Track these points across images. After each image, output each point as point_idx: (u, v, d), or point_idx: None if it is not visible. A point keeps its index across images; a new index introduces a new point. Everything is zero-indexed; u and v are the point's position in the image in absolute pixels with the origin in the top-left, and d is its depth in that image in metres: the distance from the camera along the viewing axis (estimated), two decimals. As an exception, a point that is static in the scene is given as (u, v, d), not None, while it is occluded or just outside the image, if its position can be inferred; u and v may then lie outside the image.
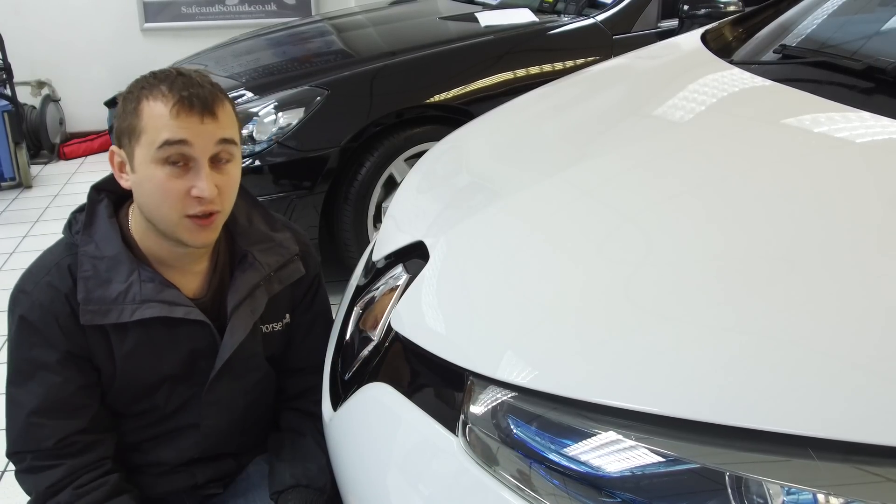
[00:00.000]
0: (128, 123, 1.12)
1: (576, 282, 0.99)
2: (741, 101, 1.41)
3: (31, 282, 1.17)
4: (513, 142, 1.55)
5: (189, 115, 1.09)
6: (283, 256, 1.29)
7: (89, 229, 1.18)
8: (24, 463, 1.18)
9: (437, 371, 1.00)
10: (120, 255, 1.16)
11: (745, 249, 0.94)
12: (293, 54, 3.38)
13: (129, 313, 1.14)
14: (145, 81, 1.13)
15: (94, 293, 1.14)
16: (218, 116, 1.11)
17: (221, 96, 1.14)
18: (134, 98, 1.12)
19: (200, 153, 1.10)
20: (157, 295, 1.16)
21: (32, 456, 1.17)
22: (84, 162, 5.19)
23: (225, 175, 1.14)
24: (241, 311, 1.22)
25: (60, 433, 1.16)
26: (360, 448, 1.09)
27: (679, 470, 0.76)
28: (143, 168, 1.11)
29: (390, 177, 2.94)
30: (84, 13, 5.35)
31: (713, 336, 0.83)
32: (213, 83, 1.15)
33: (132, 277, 1.15)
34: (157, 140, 1.09)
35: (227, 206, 1.17)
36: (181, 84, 1.10)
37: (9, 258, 3.63)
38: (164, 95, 1.09)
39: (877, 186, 1.02)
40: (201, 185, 1.10)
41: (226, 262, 1.27)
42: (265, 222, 1.31)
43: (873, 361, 0.75)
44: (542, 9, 3.45)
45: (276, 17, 5.43)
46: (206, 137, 1.10)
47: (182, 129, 1.08)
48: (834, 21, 1.66)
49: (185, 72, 1.14)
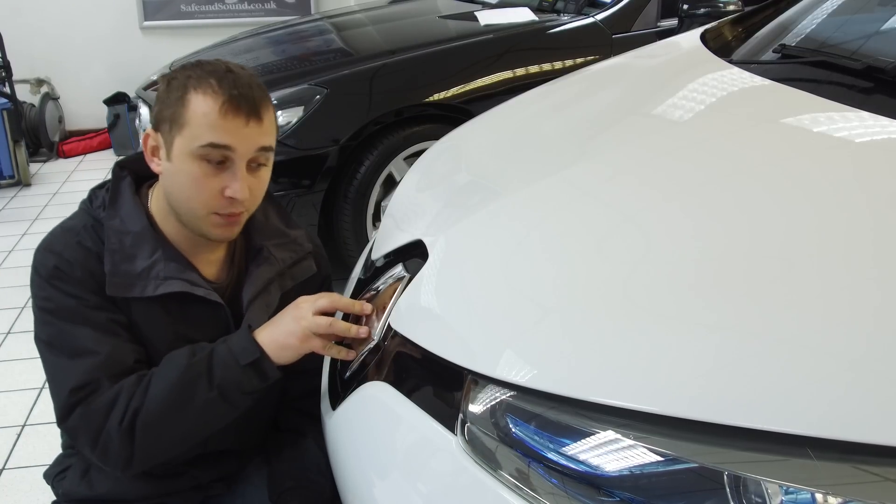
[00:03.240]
0: (172, 111, 1.11)
1: (575, 280, 0.99)
2: (740, 100, 1.41)
3: (60, 243, 1.16)
4: (512, 140, 1.55)
5: (236, 116, 1.09)
6: (297, 253, 1.30)
7: (114, 205, 1.19)
8: (92, 395, 1.11)
9: (436, 370, 1.00)
10: (145, 232, 1.17)
11: (743, 249, 0.94)
12: (292, 53, 3.38)
13: (153, 288, 1.15)
14: (193, 71, 1.12)
15: (120, 266, 1.15)
16: (263, 120, 1.12)
17: (268, 100, 1.14)
18: (180, 86, 1.11)
19: (239, 157, 1.11)
20: (180, 273, 1.17)
21: (99, 381, 1.11)
22: (83, 160, 5.19)
23: (257, 178, 1.16)
24: (256, 305, 1.23)
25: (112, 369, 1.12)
26: (359, 447, 1.09)
27: (677, 469, 0.76)
28: (180, 160, 1.11)
29: (389, 175, 2.95)
30: (83, 11, 5.34)
31: (712, 335, 0.83)
32: (260, 83, 1.14)
33: (156, 255, 1.16)
34: (202, 139, 1.09)
35: (253, 207, 1.19)
36: (231, 82, 1.10)
37: (7, 256, 3.63)
38: (213, 92, 1.09)
39: (875, 186, 1.02)
40: (235, 187, 1.11)
41: (242, 256, 1.28)
42: (280, 219, 1.32)
43: (872, 361, 0.75)
44: (542, 8, 3.45)
45: (276, 15, 5.43)
46: (248, 142, 1.11)
47: (227, 132, 1.09)
48: (833, 21, 1.66)
49: (234, 68, 1.13)
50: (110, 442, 1.10)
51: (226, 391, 1.12)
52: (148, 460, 1.14)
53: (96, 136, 5.36)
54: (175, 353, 1.15)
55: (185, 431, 1.14)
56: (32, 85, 5.25)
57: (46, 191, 4.54)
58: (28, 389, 2.56)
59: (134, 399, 1.10)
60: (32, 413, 2.45)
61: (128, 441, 1.10)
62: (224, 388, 1.12)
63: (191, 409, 1.12)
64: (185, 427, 1.14)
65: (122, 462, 1.12)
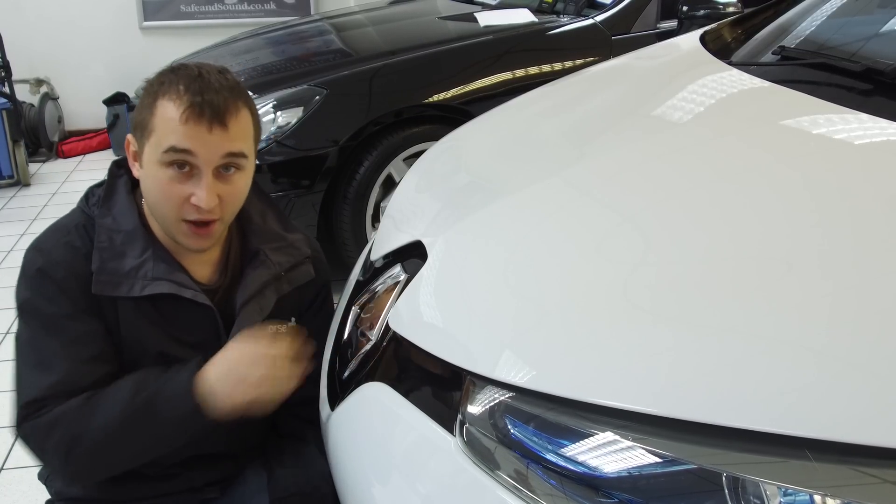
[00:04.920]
0: (142, 117, 1.12)
1: (574, 282, 0.99)
2: (739, 102, 1.41)
3: (49, 242, 1.17)
4: (511, 141, 1.55)
5: (198, 123, 1.08)
6: (295, 257, 1.30)
7: (108, 202, 1.19)
8: (40, 412, 1.12)
9: (435, 371, 1.00)
10: (136, 231, 1.17)
11: (742, 250, 0.94)
12: (292, 53, 3.38)
13: (140, 288, 1.15)
14: (166, 76, 1.12)
15: (108, 264, 1.15)
16: (228, 127, 1.10)
17: (238, 104, 1.12)
18: (152, 92, 1.12)
19: (204, 163, 1.10)
20: (169, 275, 1.17)
21: (48, 400, 1.12)
22: (82, 160, 5.18)
23: (229, 185, 1.14)
24: (249, 308, 1.22)
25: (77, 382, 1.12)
26: (358, 447, 1.09)
27: (676, 470, 0.76)
28: (149, 166, 1.12)
29: (389, 176, 2.94)
30: (83, 11, 5.34)
31: (711, 336, 0.83)
32: (234, 88, 1.12)
33: (146, 255, 1.16)
34: (164, 144, 1.09)
35: (227, 216, 1.17)
36: (197, 88, 1.09)
37: (7, 256, 3.63)
38: (178, 97, 1.08)
39: (874, 188, 1.02)
40: (200, 195, 1.10)
41: (237, 259, 1.27)
42: (279, 222, 1.32)
43: (870, 362, 0.75)
44: (542, 9, 3.45)
45: (276, 16, 5.43)
46: (211, 149, 1.09)
47: (188, 139, 1.08)
48: (833, 22, 1.66)
49: (206, 72, 1.11)
50: (53, 460, 1.14)
51: (167, 430, 1.12)
52: (91, 478, 1.18)
53: (96, 136, 5.36)
54: (121, 383, 1.13)
55: (125, 459, 1.16)
56: (32, 85, 5.25)
57: (45, 191, 4.54)
58: (27, 389, 2.56)
59: (74, 425, 1.11)
60: (31, 413, 2.45)
61: (67, 462, 1.12)
62: (165, 427, 1.12)
63: (131, 442, 1.13)
64: (125, 455, 1.15)
65: (67, 477, 1.17)
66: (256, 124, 1.18)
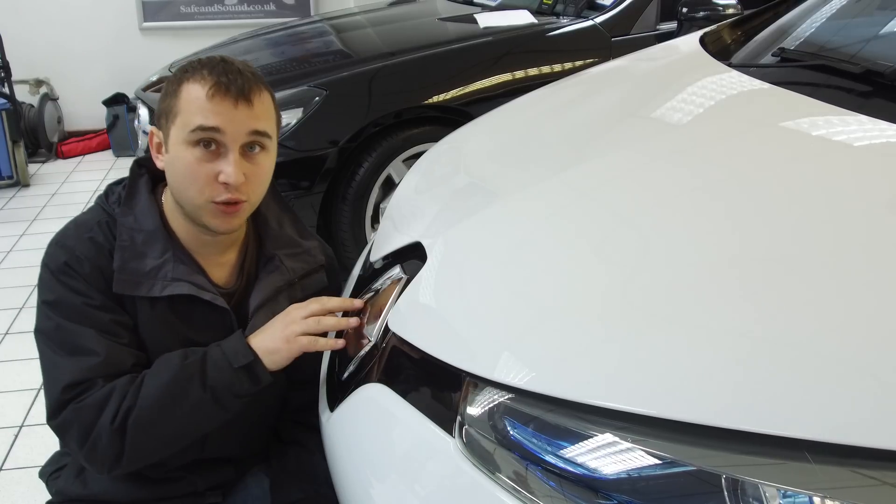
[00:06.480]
0: (167, 104, 1.14)
1: (573, 283, 0.99)
2: (739, 103, 1.41)
3: (73, 238, 1.17)
4: (511, 143, 1.55)
5: (224, 98, 1.10)
6: (310, 264, 1.30)
7: (130, 202, 1.20)
8: (86, 393, 1.11)
9: (434, 372, 1.00)
10: (157, 232, 1.18)
11: (742, 252, 0.94)
12: (292, 54, 3.38)
13: (160, 288, 1.16)
14: (190, 65, 1.15)
15: (129, 264, 1.15)
16: (253, 104, 1.12)
17: (261, 85, 1.15)
18: (176, 80, 1.14)
19: (231, 140, 1.11)
20: (188, 276, 1.17)
21: (94, 381, 1.11)
22: (82, 161, 5.19)
23: (255, 165, 1.16)
24: (262, 313, 1.22)
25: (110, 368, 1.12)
26: (357, 448, 1.09)
27: (676, 472, 0.76)
28: (176, 148, 1.13)
29: (388, 177, 2.95)
30: (83, 12, 5.35)
31: (710, 338, 0.83)
32: (256, 73, 1.16)
33: (166, 255, 1.17)
34: (191, 123, 1.10)
35: (254, 197, 1.18)
36: (221, 69, 1.12)
37: (6, 256, 3.63)
38: (203, 78, 1.11)
39: (875, 189, 1.02)
40: (228, 171, 1.11)
41: (253, 263, 1.28)
42: (295, 228, 1.33)
43: (870, 364, 0.75)
44: (541, 10, 3.45)
45: (275, 17, 5.44)
46: (238, 125, 1.11)
47: (215, 115, 1.10)
48: (832, 24, 1.66)
49: (229, 59, 1.15)
50: (100, 439, 1.10)
51: (218, 393, 1.13)
52: (136, 461, 1.14)
53: (95, 136, 5.36)
54: (169, 355, 1.15)
55: (176, 432, 1.14)
56: (31, 85, 5.26)
57: (45, 191, 4.53)
58: (26, 390, 2.56)
59: (127, 398, 1.10)
60: (30, 413, 2.45)
61: (118, 439, 1.10)
62: (216, 389, 1.13)
63: (182, 410, 1.12)
64: (176, 427, 1.14)
65: (111, 461, 1.11)
66: (278, 112, 1.21)
